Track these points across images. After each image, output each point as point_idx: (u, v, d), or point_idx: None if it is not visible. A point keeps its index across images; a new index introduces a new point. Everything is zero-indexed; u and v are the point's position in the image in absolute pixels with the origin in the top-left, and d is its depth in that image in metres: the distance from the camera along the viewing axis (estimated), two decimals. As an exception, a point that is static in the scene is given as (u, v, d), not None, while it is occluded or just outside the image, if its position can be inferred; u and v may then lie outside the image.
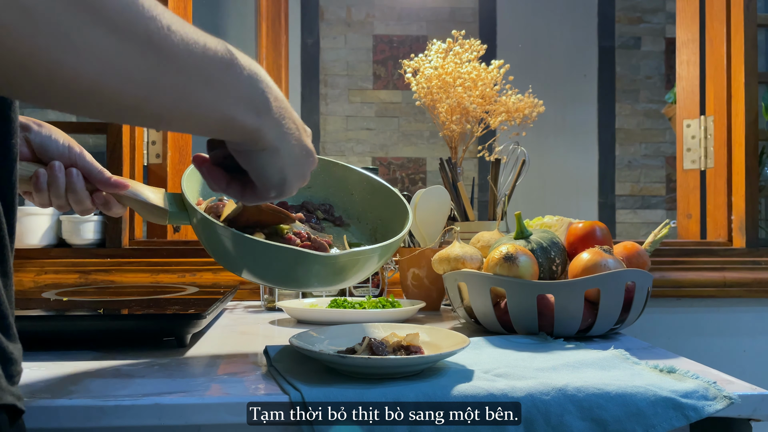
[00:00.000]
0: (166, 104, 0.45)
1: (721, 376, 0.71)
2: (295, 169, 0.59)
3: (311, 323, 1.06)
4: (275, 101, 0.54)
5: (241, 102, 0.50)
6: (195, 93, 0.46)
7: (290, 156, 0.57)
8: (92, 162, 0.73)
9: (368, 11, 3.94)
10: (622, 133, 4.02)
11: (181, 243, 1.43)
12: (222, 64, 0.48)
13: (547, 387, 0.64)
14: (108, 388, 0.64)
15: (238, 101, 0.50)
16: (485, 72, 1.34)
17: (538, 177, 3.76)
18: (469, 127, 1.36)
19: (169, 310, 0.90)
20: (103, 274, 1.34)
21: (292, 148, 0.57)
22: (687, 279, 1.40)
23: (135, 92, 0.42)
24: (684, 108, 1.63)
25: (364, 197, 0.94)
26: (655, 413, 0.62)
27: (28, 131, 0.71)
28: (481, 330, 0.98)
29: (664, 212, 4.02)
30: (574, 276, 0.91)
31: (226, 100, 0.49)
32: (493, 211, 1.29)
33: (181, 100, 0.45)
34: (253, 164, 0.56)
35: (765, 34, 1.70)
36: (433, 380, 0.66)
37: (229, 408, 0.61)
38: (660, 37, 4.05)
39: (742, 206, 1.46)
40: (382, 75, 3.94)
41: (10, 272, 0.54)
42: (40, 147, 0.71)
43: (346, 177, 0.94)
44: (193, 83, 0.45)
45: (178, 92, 0.45)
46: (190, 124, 0.49)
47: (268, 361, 0.75)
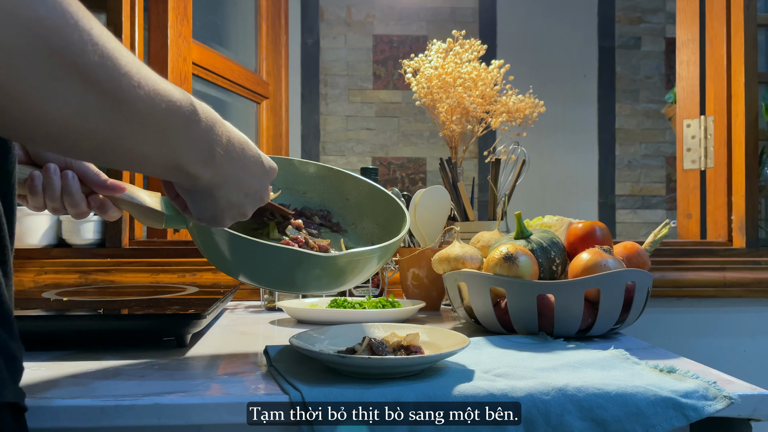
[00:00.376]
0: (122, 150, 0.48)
1: (721, 376, 0.71)
2: (228, 211, 0.64)
3: (311, 323, 1.06)
4: (225, 149, 0.58)
5: (190, 153, 0.54)
6: (151, 143, 0.49)
7: (224, 199, 0.61)
8: (88, 165, 0.72)
9: (368, 11, 3.94)
10: (622, 133, 4.02)
11: (181, 243, 1.43)
12: (182, 119, 0.51)
13: (547, 387, 0.64)
14: (108, 388, 0.64)
15: (188, 152, 0.54)
16: (485, 72, 1.34)
17: (538, 177, 3.76)
18: (469, 127, 1.36)
19: (169, 310, 0.90)
20: (103, 274, 1.34)
21: (229, 194, 0.61)
22: (687, 279, 1.40)
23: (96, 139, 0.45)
24: (684, 108, 1.63)
25: (360, 201, 0.94)
26: (655, 413, 0.62)
27: None
28: (481, 330, 0.98)
29: (664, 212, 4.02)
30: (574, 276, 0.91)
31: (177, 150, 0.53)
32: (493, 211, 1.29)
33: (138, 147, 0.49)
34: (188, 197, 0.62)
35: (765, 34, 1.70)
36: (433, 380, 0.66)
37: (229, 408, 0.61)
38: (660, 37, 4.05)
39: (742, 206, 1.46)
40: (382, 75, 3.94)
41: (11, 272, 0.54)
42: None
43: (341, 182, 0.95)
44: (151, 135, 0.49)
45: (136, 141, 0.48)
46: (138, 167, 0.53)
47: (268, 361, 0.75)
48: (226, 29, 2.15)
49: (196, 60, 1.72)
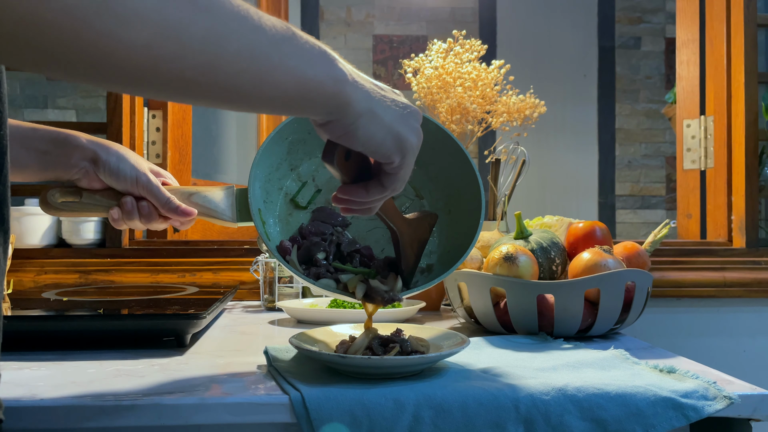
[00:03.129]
0: (233, 70, 0.43)
1: (721, 376, 0.71)
2: (403, 125, 0.56)
3: (311, 323, 1.06)
4: (350, 70, 0.53)
5: (315, 65, 0.48)
6: (264, 55, 0.44)
7: (389, 113, 0.55)
8: (159, 189, 0.74)
9: (368, 11, 3.94)
10: (622, 133, 4.02)
11: (181, 243, 1.43)
12: (287, 31, 0.47)
13: (547, 387, 0.64)
14: (107, 388, 0.64)
15: (311, 64, 0.48)
16: (485, 72, 1.34)
17: (538, 177, 3.77)
18: (470, 127, 1.36)
19: (169, 310, 0.90)
20: (103, 274, 1.34)
21: (387, 106, 0.55)
22: (687, 279, 1.40)
23: (195, 56, 0.41)
24: (684, 108, 1.63)
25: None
26: (655, 413, 0.62)
27: (96, 164, 0.72)
28: (481, 330, 0.98)
29: (664, 212, 4.02)
30: (574, 276, 0.91)
31: (299, 63, 0.47)
32: (493, 211, 1.29)
33: (251, 62, 0.44)
34: (359, 137, 0.54)
35: (765, 34, 1.70)
36: (433, 380, 0.66)
37: (229, 408, 0.61)
38: (660, 37, 4.05)
39: (742, 206, 1.46)
40: (382, 75, 3.94)
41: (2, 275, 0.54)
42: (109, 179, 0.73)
43: None
44: (259, 44, 0.44)
45: (245, 54, 0.43)
46: (265, 93, 0.46)
47: (268, 361, 0.75)
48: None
49: (196, 60, 1.72)
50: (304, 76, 0.47)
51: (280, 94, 0.47)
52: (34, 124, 0.72)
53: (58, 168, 0.72)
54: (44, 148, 0.71)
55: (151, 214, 0.74)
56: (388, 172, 0.58)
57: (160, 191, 0.73)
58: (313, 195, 0.84)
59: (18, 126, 0.70)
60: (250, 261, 1.32)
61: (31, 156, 0.70)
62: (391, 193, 0.60)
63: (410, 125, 0.57)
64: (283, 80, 0.46)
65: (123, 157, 0.73)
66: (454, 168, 0.81)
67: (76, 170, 0.72)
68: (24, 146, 0.70)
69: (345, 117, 0.52)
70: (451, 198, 0.83)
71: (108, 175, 0.72)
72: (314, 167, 0.83)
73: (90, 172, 0.72)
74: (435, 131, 0.79)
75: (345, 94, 0.51)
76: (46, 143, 0.71)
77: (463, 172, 0.80)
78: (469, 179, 0.79)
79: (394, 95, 0.58)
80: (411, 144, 0.57)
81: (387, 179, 0.59)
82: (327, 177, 0.84)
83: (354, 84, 0.52)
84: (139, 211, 0.74)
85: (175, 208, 0.74)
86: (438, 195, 0.84)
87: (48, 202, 0.74)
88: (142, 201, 0.74)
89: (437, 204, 0.84)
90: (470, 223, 0.78)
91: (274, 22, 0.46)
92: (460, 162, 0.80)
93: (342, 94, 0.50)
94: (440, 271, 0.79)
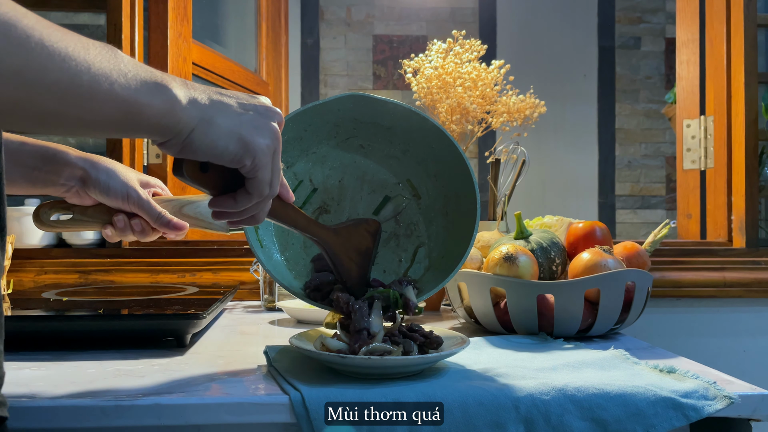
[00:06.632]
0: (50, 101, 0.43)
1: (721, 376, 0.71)
2: (248, 127, 0.54)
3: (311, 323, 1.06)
4: (180, 84, 0.51)
5: (138, 86, 0.47)
6: (82, 80, 0.44)
7: (230, 119, 0.54)
8: (150, 205, 0.74)
9: (368, 11, 3.94)
10: (622, 133, 4.02)
11: (181, 243, 1.43)
12: (105, 49, 0.46)
13: (547, 387, 0.64)
14: (107, 388, 0.64)
15: (133, 84, 0.47)
16: (485, 72, 1.34)
17: (538, 177, 3.77)
18: (470, 127, 1.36)
19: (169, 310, 0.90)
20: (103, 274, 1.34)
21: (228, 113, 0.54)
22: (687, 279, 1.40)
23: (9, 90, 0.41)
24: (684, 108, 1.63)
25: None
26: (655, 413, 0.62)
27: (86, 183, 0.72)
28: (481, 330, 0.98)
29: (664, 212, 4.02)
30: (574, 276, 0.91)
31: (118, 85, 0.46)
32: (493, 211, 1.29)
33: (69, 88, 0.43)
34: (198, 149, 0.53)
35: (765, 34, 1.70)
36: (433, 380, 0.66)
37: (229, 408, 0.61)
38: (660, 37, 4.05)
39: (742, 206, 1.46)
40: (382, 75, 3.94)
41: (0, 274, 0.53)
42: (100, 196, 0.73)
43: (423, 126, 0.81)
44: (76, 69, 0.43)
45: (63, 81, 0.43)
46: (86, 120, 0.46)
47: (268, 361, 0.75)
48: (226, 29, 2.15)
49: (196, 60, 1.72)
50: (128, 99, 0.47)
51: (104, 121, 0.47)
52: (22, 138, 0.71)
53: (48, 186, 0.72)
54: (32, 164, 0.70)
55: (144, 230, 0.75)
56: (247, 176, 0.56)
57: (151, 207, 0.74)
58: (309, 194, 0.83)
59: (6, 140, 0.69)
60: (250, 261, 1.32)
61: (18, 171, 0.70)
62: (261, 198, 0.57)
63: (258, 126, 0.55)
64: (106, 107, 0.46)
65: (112, 172, 0.73)
66: (451, 167, 0.81)
67: (65, 189, 0.72)
68: (11, 161, 0.69)
69: (177, 135, 0.51)
70: (448, 199, 0.83)
71: (98, 193, 0.73)
72: (310, 165, 0.83)
73: (80, 191, 0.73)
74: (432, 129, 0.78)
75: (172, 113, 0.50)
76: (34, 159, 0.70)
77: (459, 172, 0.80)
78: (465, 179, 0.79)
79: (245, 100, 0.56)
80: (259, 145, 0.54)
81: (250, 184, 0.56)
82: (324, 176, 0.84)
83: (180, 102, 0.51)
84: (132, 228, 0.75)
85: (167, 222, 0.74)
86: (436, 194, 0.84)
87: (41, 219, 0.75)
88: (135, 218, 0.75)
89: (435, 205, 0.84)
90: (467, 225, 0.78)
91: (100, 51, 0.46)
92: (457, 160, 0.80)
93: (170, 114, 0.50)
94: (439, 275, 0.79)
